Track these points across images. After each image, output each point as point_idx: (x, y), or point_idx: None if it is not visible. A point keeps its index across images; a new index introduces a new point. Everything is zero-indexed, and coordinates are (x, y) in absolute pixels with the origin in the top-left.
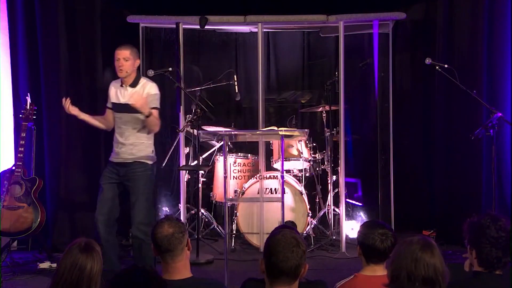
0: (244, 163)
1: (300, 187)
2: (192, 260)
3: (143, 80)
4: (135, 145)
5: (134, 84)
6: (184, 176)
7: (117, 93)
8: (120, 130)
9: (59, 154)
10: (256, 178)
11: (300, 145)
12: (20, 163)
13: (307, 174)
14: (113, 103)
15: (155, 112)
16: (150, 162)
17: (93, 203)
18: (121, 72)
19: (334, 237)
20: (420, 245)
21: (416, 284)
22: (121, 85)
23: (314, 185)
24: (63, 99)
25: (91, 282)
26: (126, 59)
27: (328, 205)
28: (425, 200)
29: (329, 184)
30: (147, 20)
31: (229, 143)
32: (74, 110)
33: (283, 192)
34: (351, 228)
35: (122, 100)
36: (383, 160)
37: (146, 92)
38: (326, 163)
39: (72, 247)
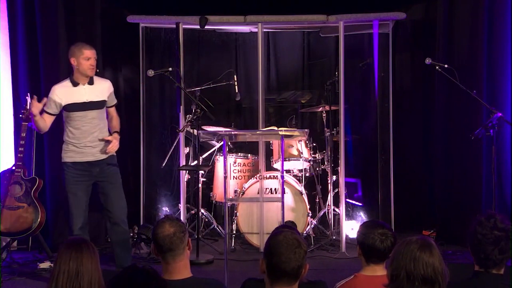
0: (244, 163)
1: (300, 187)
2: (192, 260)
3: (95, 77)
4: (103, 140)
5: (91, 82)
6: (184, 176)
7: (73, 94)
8: (85, 128)
9: (59, 154)
10: (256, 178)
11: (300, 145)
12: (20, 163)
13: (307, 174)
14: (74, 104)
15: (114, 109)
16: (115, 154)
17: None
18: (92, 70)
19: (334, 237)
20: (419, 245)
21: (415, 284)
22: (75, 85)
23: (314, 185)
24: (29, 99)
25: (91, 279)
26: (95, 58)
27: (328, 205)
28: (425, 200)
29: (329, 184)
30: (147, 20)
31: (229, 143)
32: (36, 108)
33: (283, 192)
34: (351, 228)
35: (85, 98)
36: (383, 160)
37: (110, 91)
38: (326, 163)
39: (66, 245)
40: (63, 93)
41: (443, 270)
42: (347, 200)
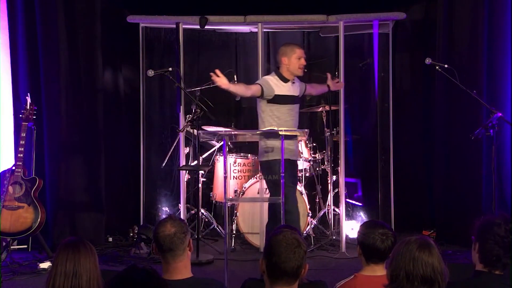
0: (244, 163)
1: (300, 187)
2: (192, 260)
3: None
4: None
5: (294, 82)
6: (184, 176)
7: (284, 87)
8: (292, 122)
9: (59, 154)
10: (256, 178)
11: (300, 145)
12: (20, 163)
13: (307, 174)
14: (284, 96)
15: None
16: None
17: (93, 203)
18: (302, 70)
19: (334, 237)
20: (418, 245)
21: (415, 284)
22: (285, 81)
23: (314, 185)
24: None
25: (90, 278)
26: (305, 58)
27: (328, 205)
28: (425, 200)
29: (329, 184)
30: (147, 20)
31: (229, 143)
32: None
33: (283, 192)
34: (351, 228)
35: (293, 92)
36: (383, 160)
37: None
38: (326, 163)
39: (63, 246)
40: (274, 85)
41: (443, 269)
42: (347, 200)
